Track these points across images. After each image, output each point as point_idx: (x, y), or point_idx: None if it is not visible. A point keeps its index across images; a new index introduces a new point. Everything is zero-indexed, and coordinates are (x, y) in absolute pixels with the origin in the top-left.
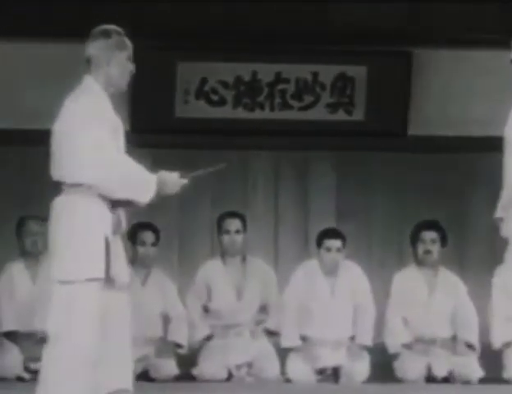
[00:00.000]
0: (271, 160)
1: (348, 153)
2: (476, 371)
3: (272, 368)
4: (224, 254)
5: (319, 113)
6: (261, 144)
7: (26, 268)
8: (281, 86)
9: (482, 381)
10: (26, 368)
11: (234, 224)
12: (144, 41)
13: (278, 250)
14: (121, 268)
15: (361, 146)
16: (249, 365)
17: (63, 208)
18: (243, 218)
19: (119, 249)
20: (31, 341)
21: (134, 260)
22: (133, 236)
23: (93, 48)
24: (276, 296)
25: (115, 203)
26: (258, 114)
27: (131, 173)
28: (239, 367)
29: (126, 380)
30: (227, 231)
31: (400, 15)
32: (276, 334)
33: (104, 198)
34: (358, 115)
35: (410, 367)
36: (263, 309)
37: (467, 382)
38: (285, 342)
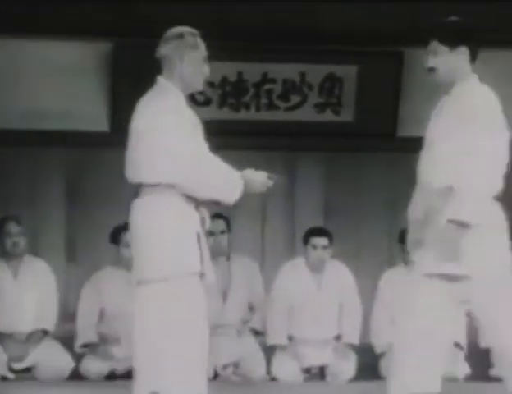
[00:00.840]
0: (257, 159)
1: (336, 152)
2: (463, 369)
3: (258, 367)
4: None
5: (306, 114)
6: (247, 145)
7: (8, 269)
8: (267, 86)
9: (469, 378)
10: (10, 368)
11: (218, 225)
12: (124, 40)
13: (265, 248)
14: (210, 264)
15: (350, 147)
16: (236, 365)
17: (148, 209)
18: (227, 219)
19: (206, 245)
20: (14, 341)
21: (117, 261)
22: (116, 238)
23: (166, 48)
24: (261, 295)
25: (201, 202)
26: (243, 114)
27: (217, 173)
28: (225, 366)
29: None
30: (212, 233)
31: (391, 15)
32: (262, 333)
33: (189, 196)
34: (347, 115)
35: None
36: (249, 308)
37: (453, 380)
38: (272, 340)
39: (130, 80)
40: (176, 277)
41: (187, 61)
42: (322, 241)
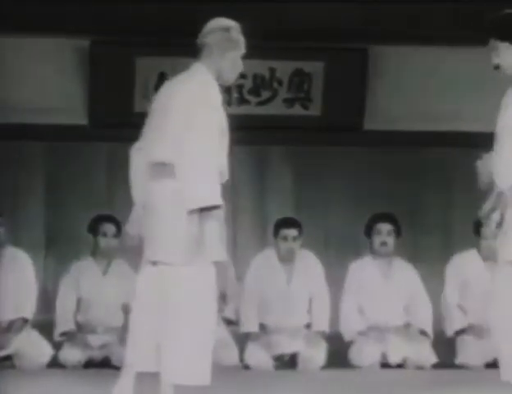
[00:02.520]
0: (229, 152)
1: (305, 146)
2: (429, 357)
3: (230, 355)
4: None
5: (276, 108)
6: None
7: None
8: (238, 81)
9: (435, 367)
10: None
11: None
12: (102, 37)
13: (236, 240)
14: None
15: (318, 140)
16: None
17: (175, 192)
18: None
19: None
20: None
21: (94, 251)
22: (94, 228)
23: (210, 38)
24: (234, 286)
25: None
26: None
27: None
28: None
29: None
30: None
31: (357, 13)
32: (235, 323)
33: None
34: (316, 110)
35: (366, 354)
36: (222, 297)
37: (420, 368)
38: (245, 328)
39: (107, 75)
40: (199, 263)
41: (228, 58)
42: (291, 233)
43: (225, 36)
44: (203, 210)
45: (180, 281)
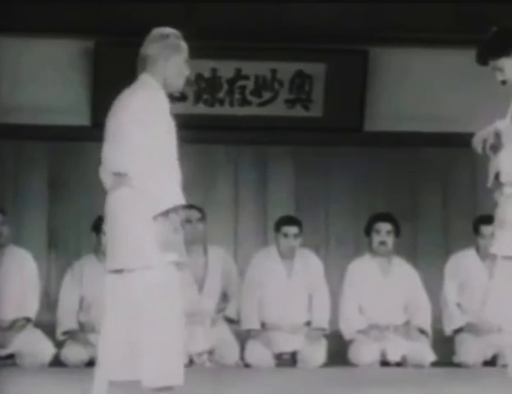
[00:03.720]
0: (231, 153)
1: (306, 146)
2: (428, 356)
3: (231, 354)
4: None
5: (277, 109)
6: (221, 139)
7: None
8: (240, 83)
9: (434, 365)
10: None
11: (195, 213)
12: (105, 37)
13: (238, 239)
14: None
15: (319, 141)
16: (210, 352)
17: (130, 199)
18: (201, 209)
19: (181, 235)
20: None
21: (97, 250)
22: (97, 227)
23: (151, 48)
24: (235, 285)
25: None
26: (217, 110)
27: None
28: (200, 354)
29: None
30: (189, 220)
31: (358, 15)
32: (235, 322)
33: None
34: (316, 111)
35: (365, 352)
36: (224, 297)
37: (419, 366)
38: (245, 325)
39: (110, 76)
40: (159, 265)
41: (171, 63)
42: (292, 230)
43: (164, 44)
44: (167, 212)
45: (144, 285)
